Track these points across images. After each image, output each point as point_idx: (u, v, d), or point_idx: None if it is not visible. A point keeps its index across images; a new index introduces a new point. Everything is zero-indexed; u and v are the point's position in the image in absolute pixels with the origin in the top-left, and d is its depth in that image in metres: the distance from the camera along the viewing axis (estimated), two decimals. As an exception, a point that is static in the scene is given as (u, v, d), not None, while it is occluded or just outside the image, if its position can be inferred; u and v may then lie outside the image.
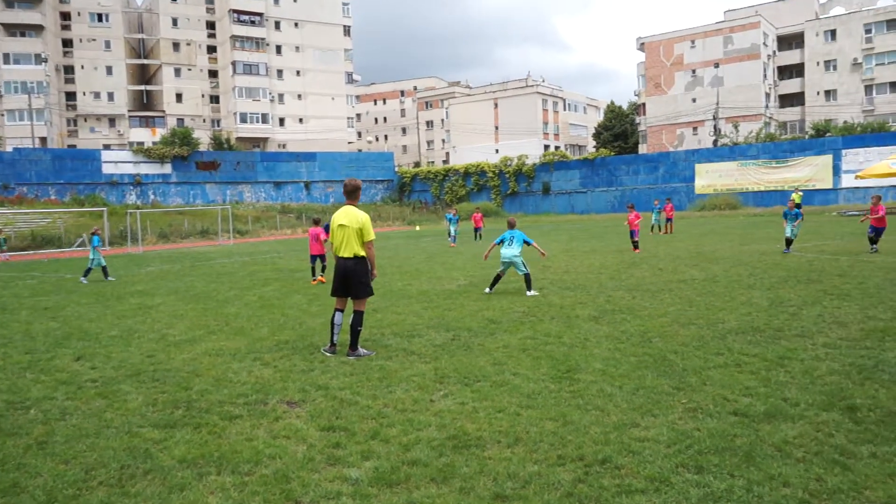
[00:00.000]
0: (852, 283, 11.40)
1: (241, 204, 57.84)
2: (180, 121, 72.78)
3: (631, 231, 20.04)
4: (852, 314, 8.69)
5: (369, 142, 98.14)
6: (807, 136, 57.04)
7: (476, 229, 30.03)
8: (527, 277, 12.23)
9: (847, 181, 44.23)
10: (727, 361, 6.61)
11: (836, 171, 45.38)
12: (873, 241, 16.60)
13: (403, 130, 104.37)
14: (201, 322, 10.30)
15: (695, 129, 70.70)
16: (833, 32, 67.79)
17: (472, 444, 4.67)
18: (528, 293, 11.88)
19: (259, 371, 6.99)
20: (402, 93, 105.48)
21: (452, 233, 28.06)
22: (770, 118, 68.41)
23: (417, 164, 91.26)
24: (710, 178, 50.52)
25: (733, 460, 4.23)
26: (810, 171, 46.27)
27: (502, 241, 12.45)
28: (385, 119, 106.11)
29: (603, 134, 78.45)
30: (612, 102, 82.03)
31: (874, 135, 47.71)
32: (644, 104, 74.73)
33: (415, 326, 9.21)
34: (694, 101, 70.07)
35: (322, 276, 15.71)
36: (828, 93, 68.06)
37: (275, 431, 5.11)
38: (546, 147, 78.18)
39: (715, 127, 63.87)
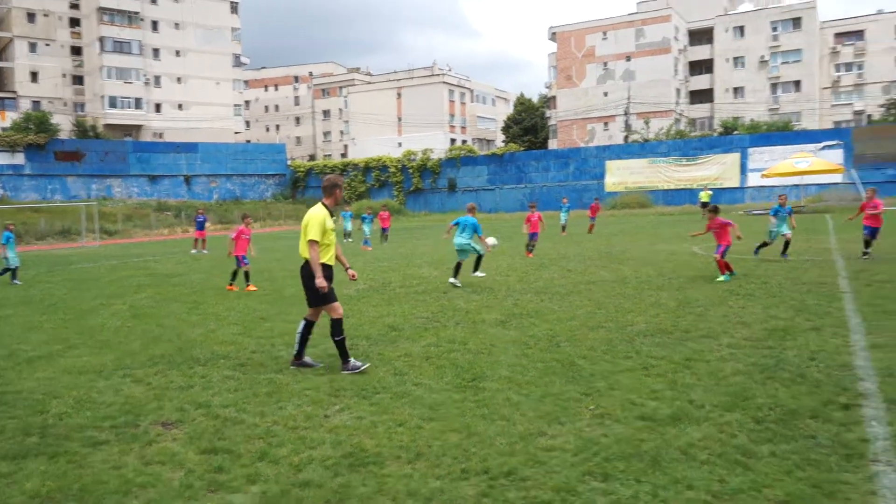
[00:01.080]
0: (756, 282, 12.24)
1: (110, 200, 54.98)
2: (36, 103, 68.31)
3: (531, 234, 19.50)
4: (756, 314, 9.34)
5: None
6: (715, 134, 60.65)
7: (383, 230, 29.77)
8: (478, 259, 14.14)
9: (753, 180, 47.36)
10: (635, 365, 6.95)
11: (743, 169, 48.51)
12: (868, 243, 15.06)
13: (297, 120, 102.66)
14: (60, 335, 9.74)
15: (606, 124, 73.62)
16: (742, 29, 72.46)
17: (370, 462, 4.68)
18: (474, 273, 13.87)
19: (129, 389, 6.70)
20: (297, 79, 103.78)
21: (367, 233, 28.11)
22: (680, 115, 72.24)
23: (313, 158, 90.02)
24: (621, 175, 52.74)
25: (640, 466, 4.45)
26: (718, 170, 49.22)
27: (457, 225, 14.04)
28: (277, 107, 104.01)
29: (512, 128, 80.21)
30: (523, 94, 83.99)
31: (779, 133, 51.40)
32: (555, 97, 77.07)
33: (309, 335, 9.08)
34: (605, 94, 72.95)
35: (235, 284, 14.55)
36: (736, 90, 72.67)
37: (147, 457, 4.92)
38: (452, 141, 79.14)
39: (626, 123, 66.76)
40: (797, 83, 70.34)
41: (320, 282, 6.93)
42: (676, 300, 10.77)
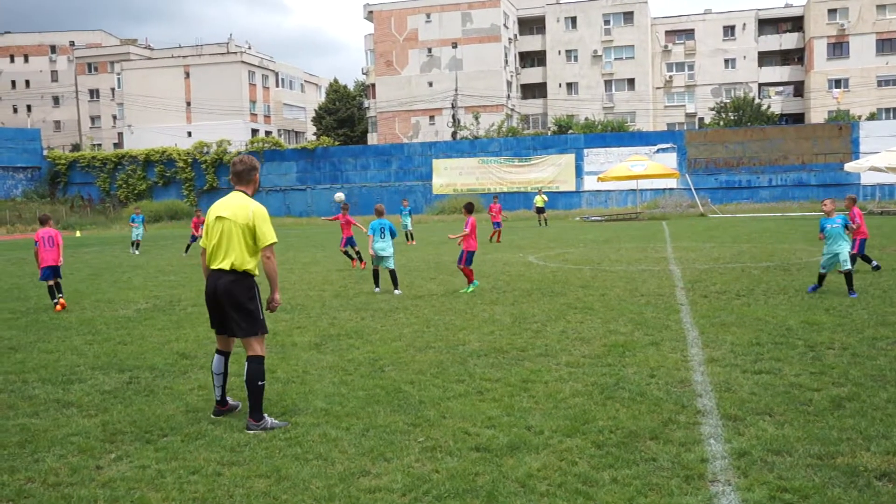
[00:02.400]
0: (595, 295, 13.09)
1: None
2: None
3: (348, 238, 19.34)
4: (595, 329, 9.98)
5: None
6: (549, 133, 64.21)
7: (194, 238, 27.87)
8: (393, 274, 14.25)
9: (589, 183, 50.65)
10: (468, 389, 7.16)
11: (579, 171, 51.75)
12: (865, 257, 14.88)
13: (56, 100, 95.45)
14: None
15: (432, 117, 75.50)
16: (574, 20, 77.41)
17: (157, 520, 4.44)
18: (396, 292, 13.92)
19: None
20: (54, 48, 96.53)
21: (135, 237, 26.97)
22: (512, 110, 75.75)
23: (77, 147, 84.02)
24: (450, 175, 54.26)
25: (475, 502, 4.59)
26: (554, 172, 52.12)
27: (374, 233, 14.24)
28: (28, 83, 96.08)
29: (325, 119, 79.92)
30: (336, 80, 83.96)
31: (614, 134, 55.44)
32: (374, 85, 77.80)
33: (73, 368, 8.51)
34: (431, 84, 74.80)
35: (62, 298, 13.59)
36: (570, 85, 77.45)
37: None
38: (255, 132, 77.41)
39: (454, 117, 68.84)
40: (631, 81, 76.27)
41: (278, 297, 6.40)
42: (511, 315, 11.23)
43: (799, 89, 75.81)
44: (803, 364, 7.72)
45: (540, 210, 38.98)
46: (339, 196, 19.53)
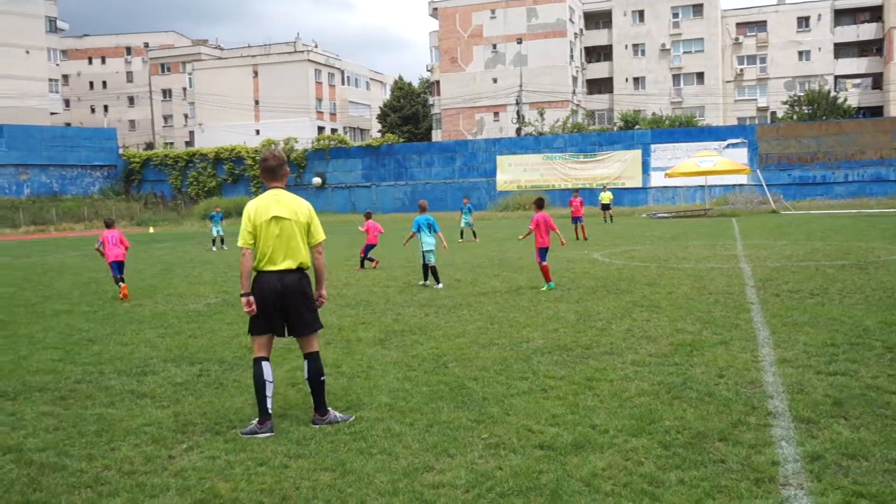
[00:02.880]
0: (661, 292, 12.88)
1: None
2: None
3: (367, 245, 19.00)
4: (661, 327, 9.82)
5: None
6: (615, 128, 63.41)
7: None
8: (434, 270, 14.67)
9: (656, 179, 49.86)
10: (532, 386, 7.12)
11: (646, 167, 50.98)
12: None
13: (131, 100, 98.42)
14: None
15: (496, 114, 75.32)
16: (641, 13, 76.25)
17: (226, 510, 4.55)
18: (438, 286, 14.32)
19: (-87, 432, 6.17)
20: (129, 50, 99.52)
21: (214, 234, 27.80)
22: (577, 105, 75.05)
23: (150, 146, 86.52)
24: (514, 172, 54.07)
25: (539, 500, 4.56)
26: (620, 168, 51.47)
27: (419, 229, 14.77)
28: (105, 84, 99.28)
29: (390, 116, 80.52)
30: (401, 78, 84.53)
31: (682, 129, 54.48)
32: (438, 82, 78.02)
33: (147, 360, 8.77)
34: (495, 81, 74.63)
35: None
36: (636, 80, 76.37)
37: (-62, 516, 4.55)
38: (321, 129, 78.48)
39: (518, 113, 68.57)
40: (700, 75, 74.78)
41: (325, 293, 6.46)
42: (576, 313, 11.14)
43: (878, 81, 73.14)
44: (881, 366, 7.45)
45: (605, 207, 38.58)
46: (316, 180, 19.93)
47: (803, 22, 74.23)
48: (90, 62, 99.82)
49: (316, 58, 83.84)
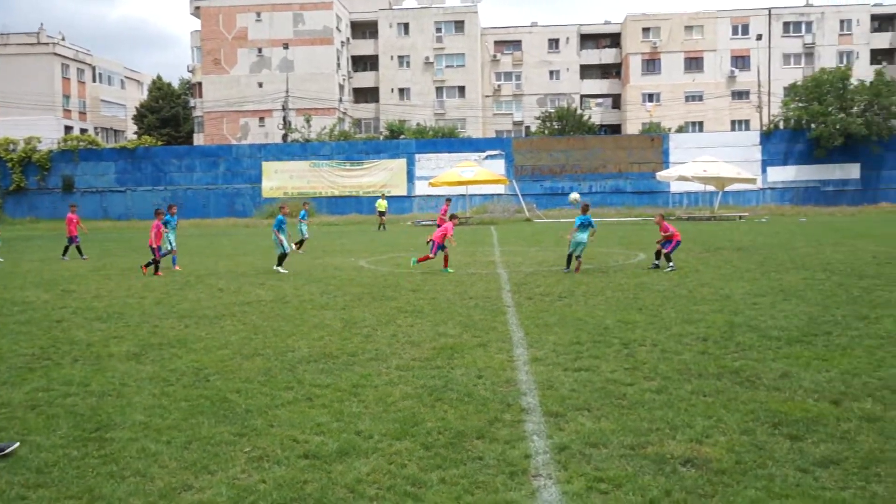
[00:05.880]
0: (425, 298, 13.29)
1: None
2: None
3: (154, 247, 18.29)
4: (425, 332, 10.13)
5: None
6: (381, 137, 64.52)
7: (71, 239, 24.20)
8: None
9: (421, 188, 51.34)
10: (297, 396, 7.06)
11: (411, 176, 52.35)
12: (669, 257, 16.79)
13: None
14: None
15: (262, 119, 73.85)
16: (406, 26, 78.23)
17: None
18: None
19: None
20: None
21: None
22: (344, 113, 75.49)
23: None
24: (280, 179, 53.28)
25: (302, 511, 4.54)
26: (386, 176, 52.44)
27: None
28: None
29: (147, 117, 76.29)
30: (160, 77, 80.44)
31: (445, 140, 56.57)
32: (200, 83, 75.10)
33: None
34: (261, 85, 73.13)
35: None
36: (402, 91, 78.18)
37: None
38: (68, 129, 72.55)
39: (284, 119, 67.69)
40: (462, 88, 78.04)
41: None
42: (342, 320, 11.19)
43: (617, 102, 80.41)
44: (618, 360, 8.20)
45: (381, 214, 39.31)
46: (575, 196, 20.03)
47: (554, 43, 79.80)
48: None
49: (63, 51, 77.38)
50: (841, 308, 11.18)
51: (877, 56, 74.61)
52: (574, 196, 20.11)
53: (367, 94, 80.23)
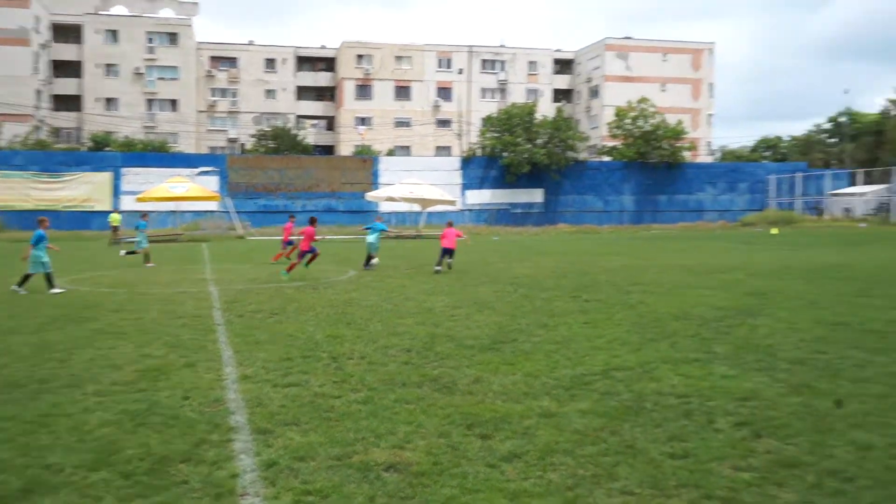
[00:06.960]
0: (129, 318, 12.39)
1: None
2: None
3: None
4: (127, 354, 9.43)
5: None
6: (85, 148, 59.49)
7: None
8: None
9: (127, 203, 47.99)
10: (-26, 431, 6.23)
11: (117, 191, 48.80)
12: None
13: None
14: None
15: (-61, 122, 64.68)
16: (115, 34, 73.01)
17: None
18: None
19: None
20: None
21: None
22: (42, 121, 68.51)
23: None
24: (-34, 190, 47.02)
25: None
26: (88, 190, 48.41)
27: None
28: None
29: None
30: None
31: (155, 154, 53.58)
32: None
33: None
34: (-63, 85, 64.09)
35: None
36: (109, 100, 72.72)
37: None
38: None
39: (-31, 124, 59.89)
40: (174, 102, 74.37)
41: None
42: (32, 345, 10.07)
43: (331, 124, 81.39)
44: (327, 374, 8.24)
45: (115, 229, 36.41)
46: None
47: (270, 63, 78.90)
48: None
49: None
50: (526, 317, 12.20)
51: (558, 95, 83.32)
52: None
53: (69, 102, 73.45)
